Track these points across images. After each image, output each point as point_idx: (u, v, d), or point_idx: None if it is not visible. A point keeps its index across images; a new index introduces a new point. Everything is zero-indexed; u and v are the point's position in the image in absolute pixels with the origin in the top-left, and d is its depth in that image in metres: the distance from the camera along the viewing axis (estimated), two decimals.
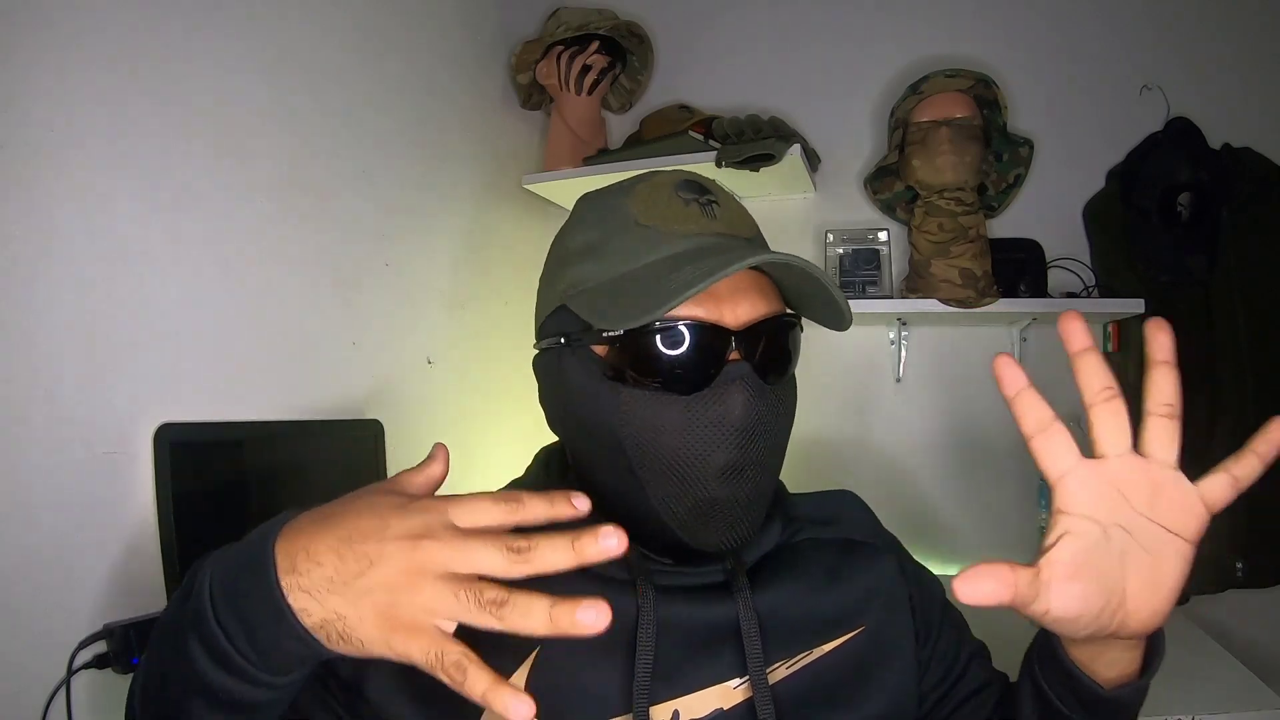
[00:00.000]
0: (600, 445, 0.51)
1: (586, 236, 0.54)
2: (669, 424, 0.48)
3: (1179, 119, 1.34)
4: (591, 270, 0.52)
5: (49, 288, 0.71)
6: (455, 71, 1.36)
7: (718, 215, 0.52)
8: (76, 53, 0.73)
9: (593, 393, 0.50)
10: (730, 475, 0.48)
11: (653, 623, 0.49)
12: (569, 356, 0.52)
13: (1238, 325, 1.26)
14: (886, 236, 1.45)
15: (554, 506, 0.38)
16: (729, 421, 0.47)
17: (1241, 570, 1.25)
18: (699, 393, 0.48)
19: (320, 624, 0.36)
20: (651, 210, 0.52)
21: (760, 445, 0.49)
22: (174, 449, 0.79)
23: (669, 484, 0.48)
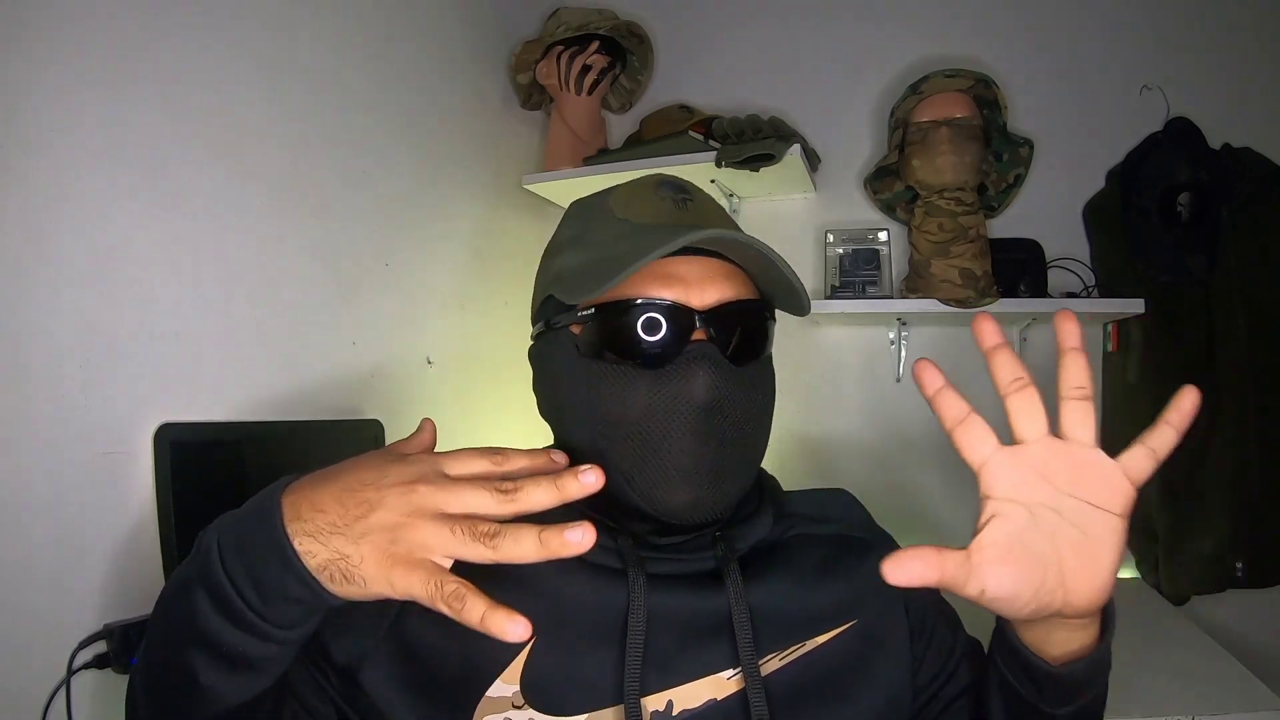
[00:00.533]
0: (574, 421, 0.53)
1: (571, 230, 0.59)
2: (635, 398, 0.50)
3: (1179, 119, 1.34)
4: (572, 257, 0.55)
5: (49, 288, 0.71)
6: (455, 71, 1.36)
7: (689, 209, 0.55)
8: (76, 53, 0.73)
9: (568, 370, 0.53)
10: (692, 448, 0.50)
11: (643, 609, 0.50)
12: (551, 340, 0.55)
13: (1238, 325, 1.26)
14: (886, 236, 1.45)
15: (535, 459, 0.43)
16: (692, 397, 0.49)
17: (1241, 570, 1.25)
18: (664, 369, 0.50)
19: (324, 564, 0.39)
20: (629, 205, 0.56)
21: (725, 423, 0.51)
22: (174, 449, 0.79)
23: (632, 454, 0.50)
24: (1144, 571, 1.38)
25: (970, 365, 0.48)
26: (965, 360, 0.48)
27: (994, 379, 0.45)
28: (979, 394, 0.44)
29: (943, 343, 1.45)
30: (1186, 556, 1.27)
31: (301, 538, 0.39)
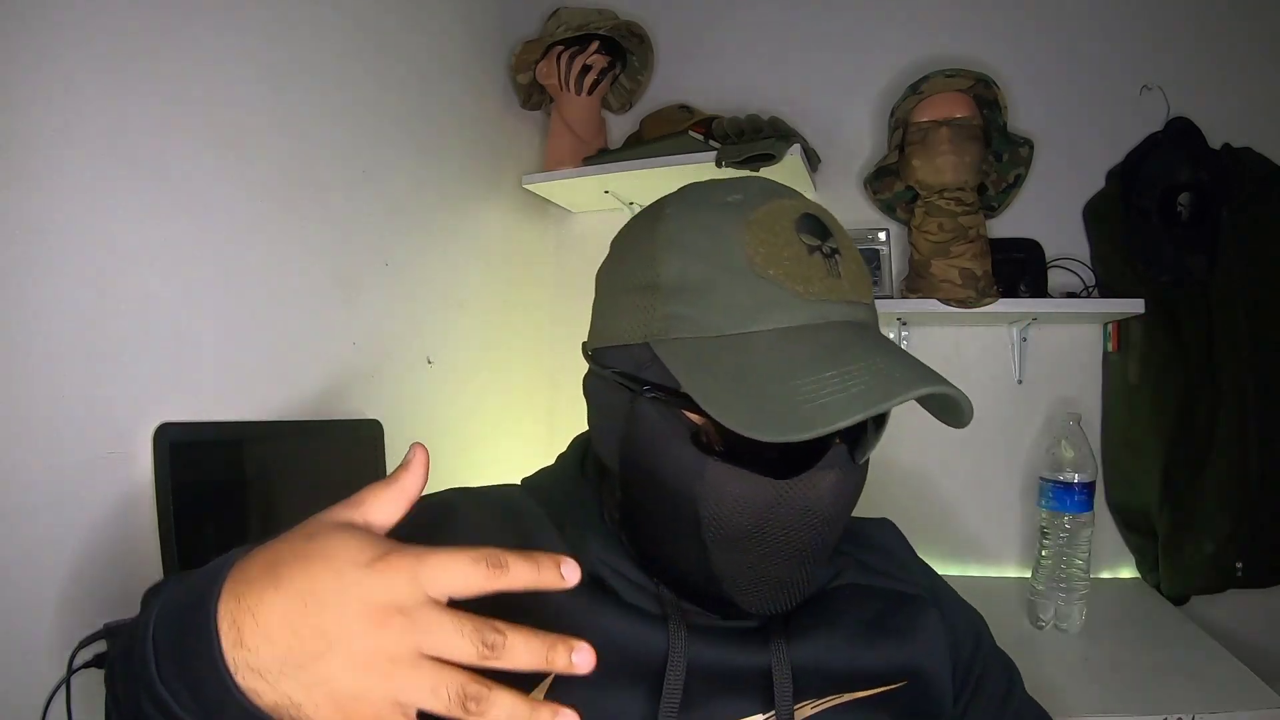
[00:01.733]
0: (669, 505, 0.47)
1: (687, 268, 0.45)
2: (755, 504, 0.44)
3: (1179, 119, 1.34)
4: (691, 316, 0.45)
5: (49, 288, 0.71)
6: (455, 71, 1.36)
7: (841, 271, 0.45)
8: (76, 53, 0.73)
9: (673, 455, 0.46)
10: (805, 557, 0.47)
11: (683, 662, 0.47)
12: (646, 405, 0.47)
13: (1238, 325, 1.26)
14: (886, 236, 1.45)
15: (541, 574, 0.34)
16: (818, 508, 0.45)
17: (1241, 570, 1.25)
18: (793, 479, 0.44)
19: (273, 707, 0.32)
20: (770, 254, 0.44)
21: (838, 526, 0.47)
22: (174, 449, 0.79)
23: (738, 556, 0.46)
24: (1144, 571, 1.38)
25: (970, 366, 0.48)
26: (965, 360, 0.47)
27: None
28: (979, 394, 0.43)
29: (943, 343, 1.45)
30: (1186, 556, 1.27)
31: (245, 673, 0.31)
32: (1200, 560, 1.26)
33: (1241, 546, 1.25)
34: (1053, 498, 1.16)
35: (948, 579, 0.65)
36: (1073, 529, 1.15)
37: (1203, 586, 1.28)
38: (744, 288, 0.44)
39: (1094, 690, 0.97)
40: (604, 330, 0.51)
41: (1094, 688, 0.97)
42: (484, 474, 1.39)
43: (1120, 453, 1.38)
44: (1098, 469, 1.35)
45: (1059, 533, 1.15)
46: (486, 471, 1.40)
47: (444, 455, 1.29)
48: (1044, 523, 1.18)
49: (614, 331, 0.50)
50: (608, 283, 0.52)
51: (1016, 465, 1.43)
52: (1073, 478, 1.14)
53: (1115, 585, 1.37)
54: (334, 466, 1.02)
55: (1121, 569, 1.41)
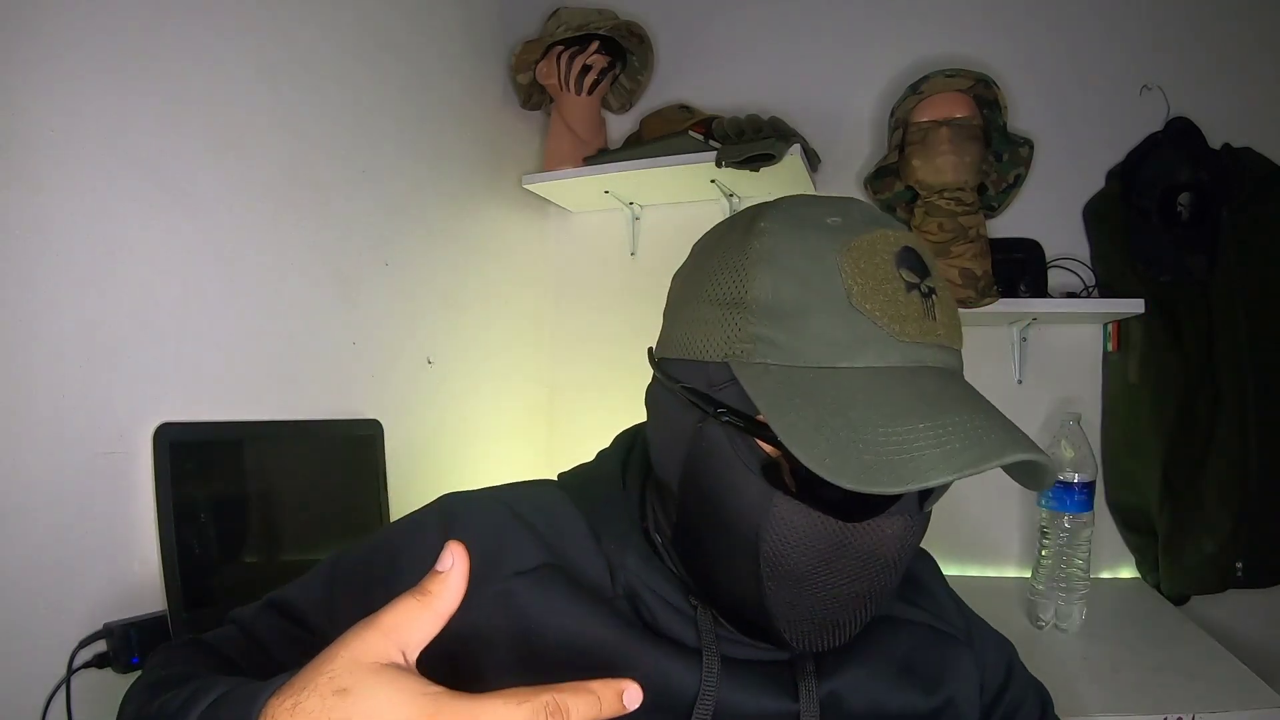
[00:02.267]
0: (729, 534, 0.45)
1: (779, 290, 0.43)
2: (820, 544, 0.43)
3: (1179, 119, 1.34)
4: (779, 341, 0.42)
5: (49, 288, 0.71)
6: (455, 71, 1.36)
7: (937, 315, 0.43)
8: (76, 53, 0.73)
9: (740, 484, 0.44)
10: (863, 601, 0.45)
11: (713, 702, 0.46)
12: (717, 428, 0.44)
13: (1238, 325, 1.26)
14: None
15: (603, 708, 0.31)
16: (883, 553, 0.43)
17: (1241, 570, 1.25)
18: (861, 524, 0.43)
19: None
20: (868, 288, 0.41)
21: (900, 572, 0.45)
22: (174, 449, 0.79)
23: (795, 594, 0.44)
24: (1144, 571, 1.38)
25: (970, 366, 0.47)
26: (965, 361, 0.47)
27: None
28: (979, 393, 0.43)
29: None
30: (1186, 556, 1.27)
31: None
32: (1200, 560, 1.26)
33: (1241, 546, 1.25)
34: (1053, 497, 1.16)
35: (948, 578, 0.65)
36: (1073, 529, 1.15)
37: (1203, 586, 1.28)
38: (840, 320, 0.41)
39: (1094, 690, 0.97)
40: (678, 341, 0.48)
41: (1094, 688, 0.97)
42: (484, 474, 1.40)
43: (1120, 452, 1.38)
44: (1098, 469, 1.35)
45: (1059, 533, 1.15)
46: (486, 471, 1.40)
47: (444, 455, 1.29)
48: (1044, 523, 1.18)
49: (689, 345, 0.46)
50: (686, 291, 0.49)
51: None
52: (1073, 478, 1.14)
53: (1115, 585, 1.37)
54: (334, 466, 1.02)
55: (1121, 569, 1.41)
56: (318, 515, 0.98)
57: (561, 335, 1.66)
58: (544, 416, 1.63)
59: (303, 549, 0.95)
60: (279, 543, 0.92)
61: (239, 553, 0.87)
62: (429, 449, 1.25)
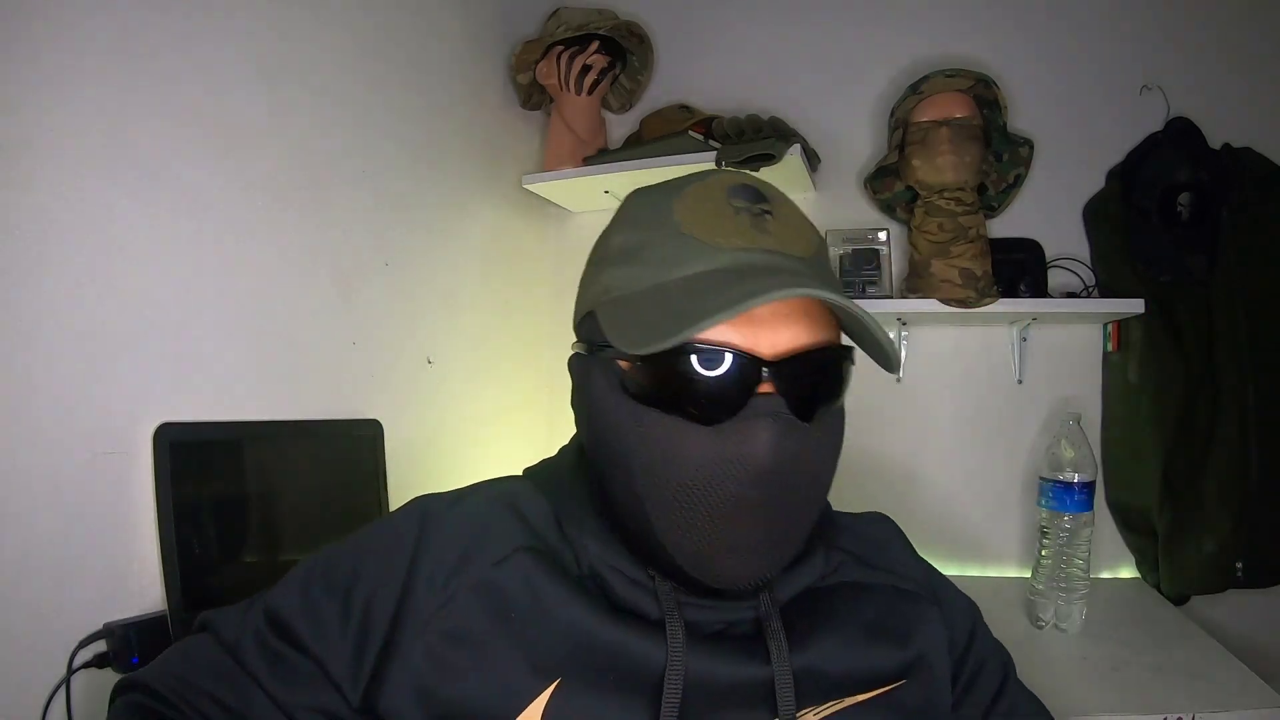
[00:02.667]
0: (615, 464, 0.47)
1: (626, 238, 0.50)
2: (686, 455, 0.44)
3: (1179, 119, 1.34)
4: (625, 276, 0.48)
5: (48, 287, 0.71)
6: (455, 71, 1.36)
7: (769, 229, 0.47)
8: (77, 53, 0.73)
9: (612, 407, 0.47)
10: (744, 518, 0.45)
11: (682, 668, 0.46)
12: (595, 365, 0.49)
13: (1238, 325, 1.26)
14: (886, 236, 1.45)
15: None
16: (752, 460, 0.43)
17: (1241, 570, 1.25)
18: (722, 425, 0.44)
19: None
20: (696, 216, 0.47)
21: (785, 487, 0.45)
22: (174, 449, 0.79)
23: (676, 518, 0.45)
24: (1144, 571, 1.38)
25: (970, 366, 0.48)
26: (965, 361, 0.47)
27: None
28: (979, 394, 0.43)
29: (943, 343, 1.45)
30: (1186, 556, 1.27)
31: None
32: (1200, 560, 1.26)
33: (1241, 546, 1.25)
34: (1053, 497, 1.16)
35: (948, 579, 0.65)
36: (1073, 529, 1.15)
37: (1203, 586, 1.28)
38: (670, 244, 0.47)
39: (1094, 690, 0.97)
40: (576, 309, 0.54)
41: (1094, 688, 0.97)
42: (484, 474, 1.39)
43: (1120, 452, 1.38)
44: (1098, 469, 1.35)
45: (1059, 533, 1.15)
46: (486, 471, 1.40)
47: (444, 455, 1.29)
48: (1044, 523, 1.18)
49: (579, 306, 0.53)
50: (584, 270, 0.56)
51: (1016, 465, 1.42)
52: (1073, 477, 1.14)
53: (1115, 585, 1.37)
54: (334, 466, 1.02)
55: (1121, 569, 1.41)
56: (318, 515, 0.98)
57: (561, 335, 1.65)
58: (544, 416, 1.63)
59: (302, 549, 0.95)
60: (279, 543, 0.92)
61: (239, 553, 0.87)
62: (429, 449, 1.25)
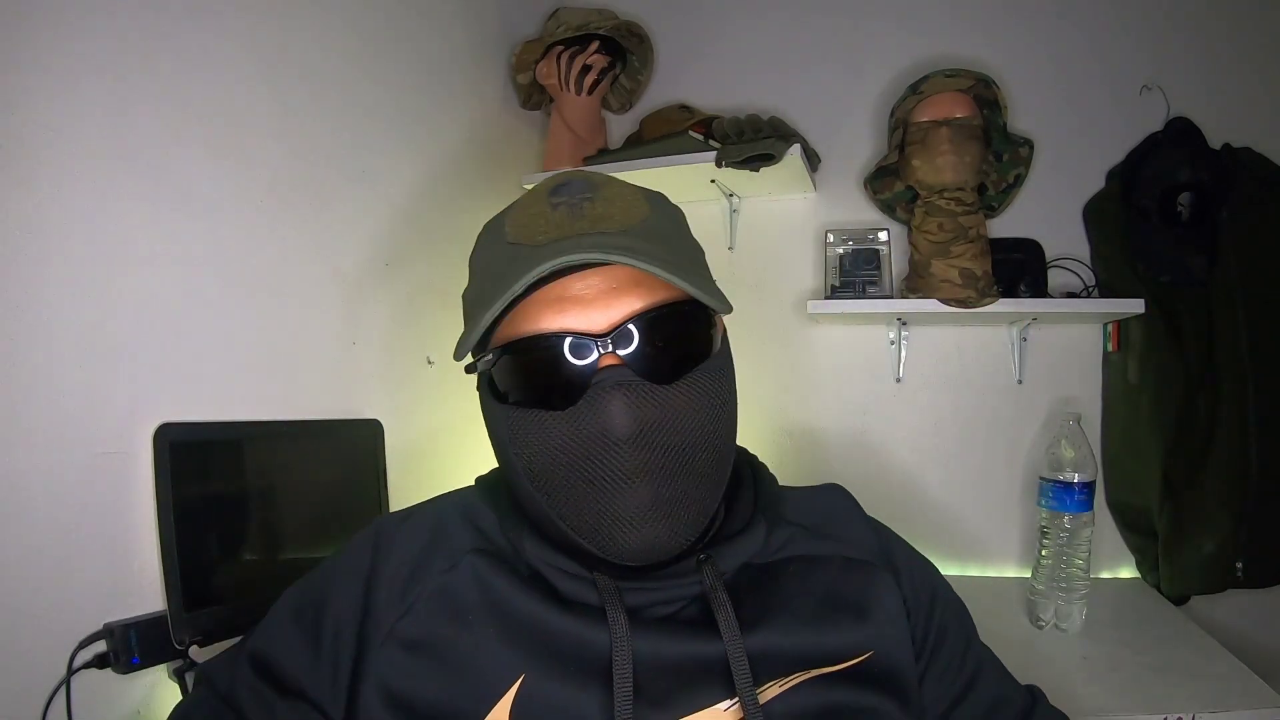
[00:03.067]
0: (506, 467, 0.51)
1: (475, 259, 0.55)
2: (554, 441, 0.46)
3: (1179, 119, 1.34)
4: (468, 292, 0.53)
5: (49, 288, 0.71)
6: (455, 71, 1.36)
7: (586, 213, 0.48)
8: (76, 53, 0.73)
9: (489, 414, 0.51)
10: (626, 488, 0.45)
11: (627, 651, 0.47)
12: (476, 380, 0.54)
13: (1238, 325, 1.26)
14: (886, 236, 1.45)
15: None
16: (612, 431, 0.45)
17: (1241, 570, 1.25)
18: (574, 406, 0.45)
19: None
20: (519, 223, 0.50)
21: (659, 449, 0.46)
22: (174, 449, 0.79)
23: (567, 501, 0.47)
24: (1144, 571, 1.38)
25: (970, 366, 0.48)
26: (965, 360, 0.47)
27: None
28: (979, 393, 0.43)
29: (943, 343, 1.45)
30: (1186, 556, 1.27)
31: None
32: (1200, 560, 1.26)
33: (1241, 546, 1.25)
34: (1053, 498, 1.16)
35: (948, 579, 0.65)
36: (1073, 529, 1.15)
37: (1203, 586, 1.28)
38: (498, 255, 0.50)
39: (1094, 690, 0.97)
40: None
41: (1094, 688, 0.97)
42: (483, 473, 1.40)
43: (1120, 452, 1.38)
44: (1098, 469, 1.35)
45: (1059, 533, 1.15)
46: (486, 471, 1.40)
47: (444, 455, 1.29)
48: (1044, 523, 1.18)
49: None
50: None
51: (1016, 465, 1.43)
52: (1073, 478, 1.14)
53: (1115, 585, 1.37)
54: (334, 466, 1.02)
55: (1121, 569, 1.41)
56: (318, 515, 0.98)
57: None
58: None
59: (303, 549, 0.95)
60: (279, 543, 0.92)
61: (239, 552, 0.87)
62: (429, 449, 1.25)
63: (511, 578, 0.51)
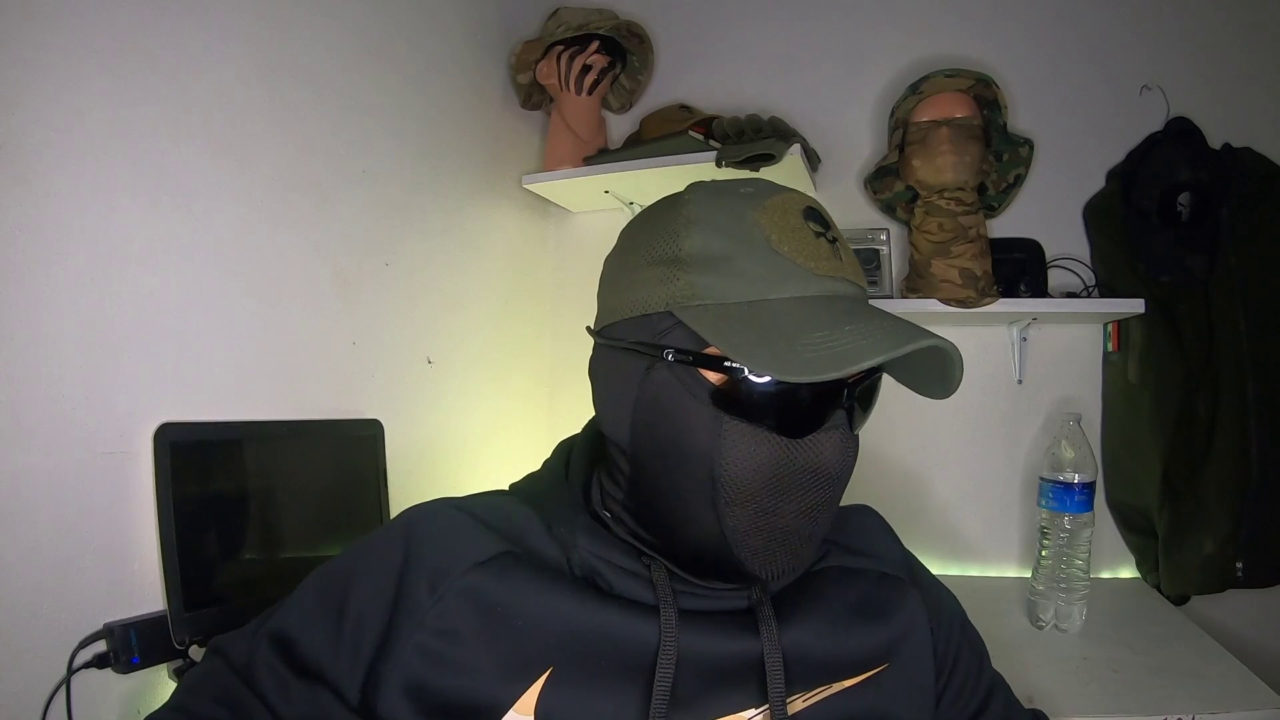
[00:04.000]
0: (681, 467, 0.49)
1: (708, 243, 0.49)
2: (767, 462, 0.47)
3: (1179, 119, 1.34)
4: (716, 286, 0.48)
5: (49, 288, 0.71)
6: (455, 71, 1.36)
7: (843, 257, 0.51)
8: (77, 53, 0.73)
9: (690, 415, 0.48)
10: (809, 514, 0.49)
11: (674, 649, 0.49)
12: (664, 370, 0.49)
13: (1238, 325, 1.26)
14: (886, 236, 1.45)
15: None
16: (824, 468, 0.48)
17: (1241, 570, 1.25)
18: (804, 439, 0.48)
19: None
20: (785, 236, 0.48)
21: (840, 489, 0.50)
22: (174, 449, 0.79)
23: (750, 514, 0.48)
24: (1144, 571, 1.38)
25: (970, 366, 0.48)
26: (965, 360, 0.48)
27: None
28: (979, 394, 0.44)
29: None
30: (1186, 556, 1.27)
31: None
32: (1200, 560, 1.26)
33: (1241, 546, 1.25)
34: (1053, 498, 1.16)
35: (948, 579, 0.65)
36: (1073, 529, 1.15)
37: (1203, 586, 1.28)
38: (762, 261, 0.48)
39: (1094, 690, 0.97)
40: (619, 307, 0.53)
41: (1094, 688, 0.97)
42: (484, 473, 1.40)
43: (1120, 452, 1.38)
44: (1098, 469, 1.35)
45: (1059, 533, 1.15)
46: (486, 471, 1.40)
47: (444, 455, 1.29)
48: (1044, 523, 1.18)
49: (632, 305, 0.51)
50: (621, 262, 0.54)
51: (1016, 465, 1.43)
52: (1073, 478, 1.14)
53: (1115, 585, 1.37)
54: (334, 466, 1.02)
55: (1121, 569, 1.41)
56: (318, 515, 0.98)
57: (562, 334, 1.66)
58: (544, 416, 1.63)
59: (303, 549, 0.95)
60: (279, 543, 0.92)
61: (239, 552, 0.87)
62: (429, 449, 1.25)
63: (547, 579, 0.51)
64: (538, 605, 0.50)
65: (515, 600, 0.50)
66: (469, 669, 0.49)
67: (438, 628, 0.49)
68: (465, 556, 0.52)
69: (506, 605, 0.50)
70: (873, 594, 0.57)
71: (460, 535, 0.53)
